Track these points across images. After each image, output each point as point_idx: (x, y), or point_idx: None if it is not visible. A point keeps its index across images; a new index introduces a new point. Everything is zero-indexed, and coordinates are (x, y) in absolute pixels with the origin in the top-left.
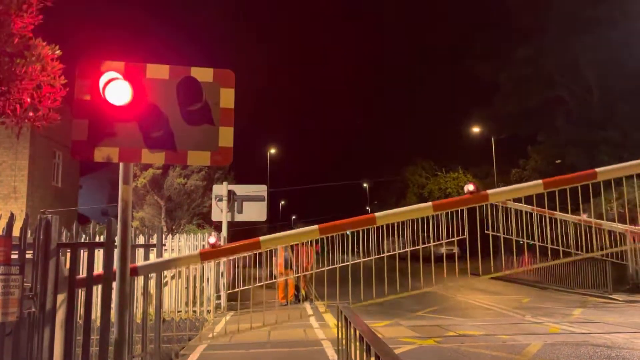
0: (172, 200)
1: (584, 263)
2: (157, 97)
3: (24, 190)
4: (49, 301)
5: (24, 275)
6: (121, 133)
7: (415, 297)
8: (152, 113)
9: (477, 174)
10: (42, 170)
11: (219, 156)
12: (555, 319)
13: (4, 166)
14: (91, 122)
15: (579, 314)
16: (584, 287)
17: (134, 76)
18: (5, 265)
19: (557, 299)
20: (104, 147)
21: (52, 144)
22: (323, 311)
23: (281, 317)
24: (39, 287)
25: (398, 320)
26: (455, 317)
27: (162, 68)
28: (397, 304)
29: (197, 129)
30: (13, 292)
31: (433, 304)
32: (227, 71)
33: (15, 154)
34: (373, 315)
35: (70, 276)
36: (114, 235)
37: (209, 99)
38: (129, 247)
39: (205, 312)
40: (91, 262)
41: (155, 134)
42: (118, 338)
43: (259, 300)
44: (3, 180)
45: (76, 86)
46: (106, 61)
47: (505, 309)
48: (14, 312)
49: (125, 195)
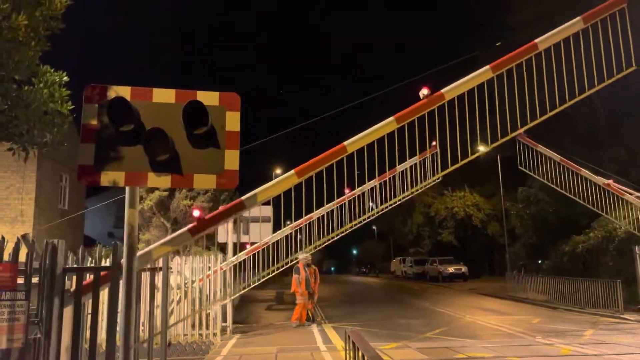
0: (178, 222)
1: (594, 282)
2: (163, 121)
3: (31, 213)
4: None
5: (30, 300)
6: (127, 157)
7: (424, 318)
8: (158, 137)
9: (484, 192)
10: (48, 194)
11: (224, 179)
12: (567, 340)
13: (11, 189)
14: (97, 146)
15: (590, 334)
16: (595, 306)
17: (140, 101)
18: (11, 291)
19: (568, 319)
20: (110, 171)
21: (59, 167)
22: (329, 329)
23: (288, 340)
24: (45, 313)
25: (406, 342)
26: (465, 339)
27: (168, 92)
28: (405, 326)
29: (203, 153)
30: (19, 318)
31: (441, 325)
32: (233, 94)
33: (23, 177)
34: (381, 337)
35: (75, 301)
36: (120, 259)
37: (214, 123)
38: (135, 271)
39: (211, 335)
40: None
41: (161, 157)
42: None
43: (265, 322)
44: (10, 204)
45: (83, 111)
46: (112, 86)
47: (515, 329)
48: (20, 339)
49: (131, 219)
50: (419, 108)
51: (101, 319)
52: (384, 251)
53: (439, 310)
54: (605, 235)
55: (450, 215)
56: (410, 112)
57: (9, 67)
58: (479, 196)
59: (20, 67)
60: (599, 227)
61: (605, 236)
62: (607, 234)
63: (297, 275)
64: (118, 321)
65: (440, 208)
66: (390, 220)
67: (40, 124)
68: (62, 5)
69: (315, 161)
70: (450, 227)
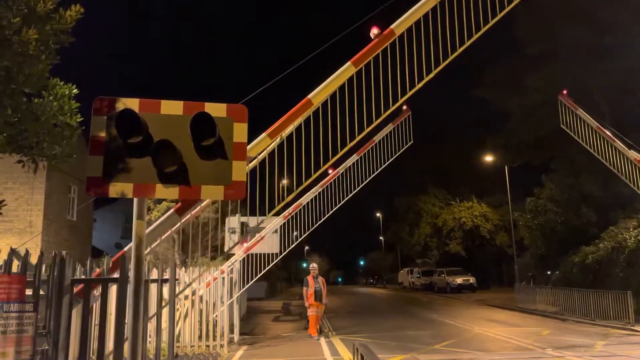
0: (185, 233)
1: (604, 294)
2: (171, 132)
3: (40, 224)
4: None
5: (38, 312)
6: (135, 169)
7: (432, 329)
8: (166, 149)
9: (491, 202)
10: (57, 205)
11: (232, 190)
12: (577, 352)
13: (20, 201)
14: (106, 158)
15: (601, 347)
16: (605, 318)
17: (149, 112)
18: (19, 302)
19: (578, 331)
20: (118, 182)
21: (68, 178)
22: (337, 341)
23: (296, 352)
24: (53, 325)
25: (414, 354)
26: (474, 351)
27: (176, 104)
28: (413, 337)
29: (210, 164)
30: (27, 330)
31: (450, 337)
32: (240, 106)
33: (32, 189)
34: (389, 349)
35: (83, 312)
36: (128, 270)
37: (222, 134)
38: (142, 283)
39: (218, 347)
40: (104, 297)
41: (169, 169)
42: None
43: (273, 334)
44: (19, 215)
45: (92, 123)
46: (121, 98)
47: (525, 342)
48: (27, 351)
49: (139, 230)
50: (372, 48)
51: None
52: (392, 262)
53: (448, 322)
54: (614, 246)
55: (458, 225)
56: (364, 54)
57: (19, 81)
58: (486, 206)
59: (31, 80)
60: (608, 238)
61: (615, 247)
62: (617, 244)
63: (306, 287)
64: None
65: (447, 218)
66: (397, 231)
67: (49, 136)
68: (72, 19)
69: (286, 119)
70: (458, 237)
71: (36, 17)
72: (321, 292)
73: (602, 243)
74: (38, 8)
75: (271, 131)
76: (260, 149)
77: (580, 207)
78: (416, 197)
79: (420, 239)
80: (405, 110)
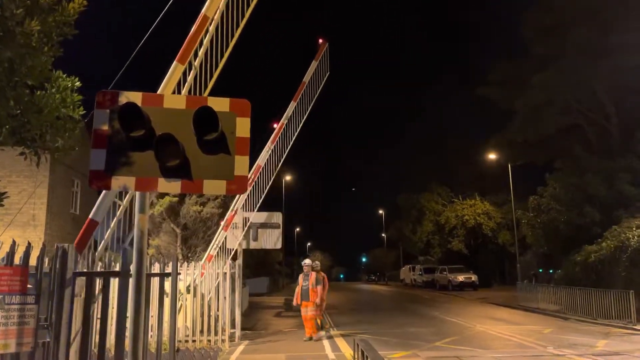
0: (187, 228)
1: (606, 293)
2: (173, 126)
3: (43, 218)
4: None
5: (40, 304)
6: (138, 163)
7: (434, 327)
8: (168, 143)
9: (494, 201)
10: (60, 198)
11: (234, 185)
12: (579, 351)
13: (23, 194)
14: (109, 152)
15: (603, 345)
16: (607, 317)
17: (151, 106)
18: (21, 294)
19: (580, 330)
20: (121, 176)
21: (71, 172)
22: (338, 337)
23: (297, 347)
24: (54, 317)
25: (416, 351)
26: (475, 348)
27: (179, 98)
28: (414, 334)
29: (213, 159)
30: (28, 322)
31: (452, 334)
32: (243, 100)
33: (35, 182)
34: (390, 345)
35: (85, 305)
36: (130, 264)
37: (225, 129)
38: (144, 276)
39: (219, 342)
40: (106, 290)
41: (172, 163)
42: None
43: (274, 329)
44: (22, 208)
45: (94, 116)
46: (124, 92)
47: (526, 340)
48: (29, 342)
49: (142, 224)
50: None
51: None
52: (394, 259)
53: (449, 320)
54: (617, 245)
55: (461, 223)
56: None
57: (22, 72)
58: (489, 204)
59: (33, 72)
60: (611, 237)
61: (618, 246)
62: (620, 243)
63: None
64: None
65: (450, 216)
66: (400, 228)
67: (52, 129)
68: (75, 11)
69: (189, 41)
70: (460, 235)
71: (39, 8)
72: (308, 292)
73: (605, 242)
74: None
75: (180, 56)
76: (176, 79)
77: (584, 207)
78: (419, 194)
79: (423, 237)
80: (322, 43)
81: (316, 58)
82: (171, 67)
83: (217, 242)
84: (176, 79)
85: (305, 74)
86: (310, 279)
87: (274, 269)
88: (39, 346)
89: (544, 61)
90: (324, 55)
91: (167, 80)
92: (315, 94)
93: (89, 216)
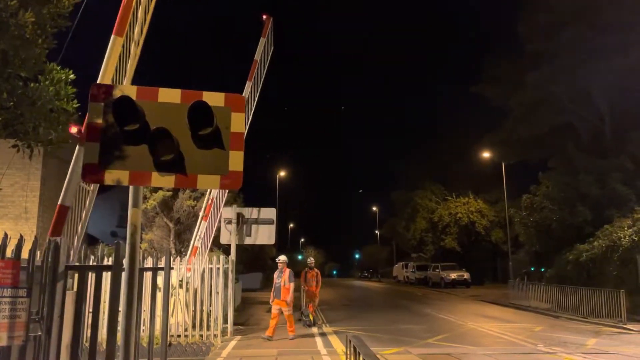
0: (181, 222)
1: (597, 292)
2: (168, 121)
3: (35, 211)
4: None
5: (31, 298)
6: (132, 156)
7: (426, 324)
8: (163, 137)
9: (488, 199)
10: (53, 191)
11: (228, 180)
12: (569, 349)
13: (15, 187)
14: (102, 145)
15: (593, 344)
16: (598, 316)
17: (146, 100)
18: (12, 287)
19: (570, 328)
20: (114, 170)
21: (64, 165)
22: (330, 333)
23: (289, 343)
24: (46, 310)
25: (407, 348)
26: (466, 346)
27: (174, 92)
28: (406, 331)
29: (207, 153)
30: (20, 315)
31: (443, 332)
32: (238, 95)
33: (28, 175)
34: (382, 342)
35: (77, 299)
36: (122, 258)
37: (219, 123)
38: (137, 271)
39: (212, 337)
40: (99, 284)
41: (166, 157)
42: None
43: (267, 324)
44: (15, 201)
45: (88, 109)
46: (118, 85)
47: (517, 337)
48: (20, 336)
49: (135, 218)
50: None
51: (102, 318)
52: (387, 256)
53: (441, 317)
54: (609, 245)
55: (454, 221)
56: None
57: (15, 64)
58: (482, 202)
59: (27, 64)
60: (603, 237)
61: (610, 245)
62: (612, 243)
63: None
64: (119, 320)
65: (443, 214)
66: (393, 225)
67: (45, 121)
68: (69, 3)
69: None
70: (453, 233)
71: (33, 0)
72: (280, 290)
73: (597, 241)
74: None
75: (116, 28)
76: (117, 52)
77: (576, 205)
78: (413, 192)
79: (416, 234)
80: (267, 19)
81: (263, 34)
82: (110, 41)
83: (200, 233)
84: (117, 52)
85: (256, 52)
86: (283, 276)
87: (267, 265)
88: (30, 340)
89: (538, 60)
90: (270, 30)
91: (108, 55)
92: (264, 70)
93: (59, 202)
